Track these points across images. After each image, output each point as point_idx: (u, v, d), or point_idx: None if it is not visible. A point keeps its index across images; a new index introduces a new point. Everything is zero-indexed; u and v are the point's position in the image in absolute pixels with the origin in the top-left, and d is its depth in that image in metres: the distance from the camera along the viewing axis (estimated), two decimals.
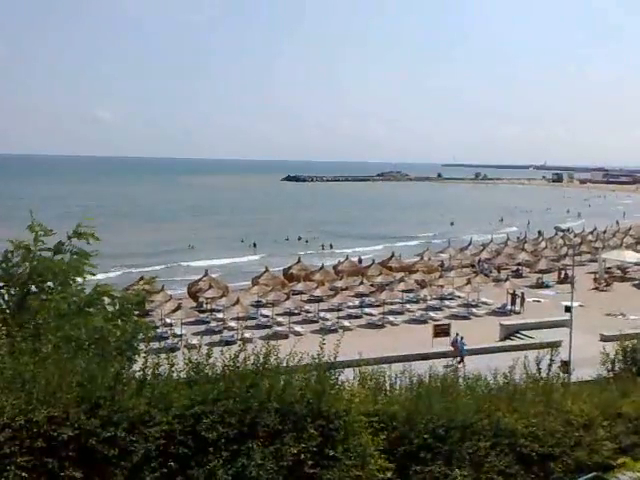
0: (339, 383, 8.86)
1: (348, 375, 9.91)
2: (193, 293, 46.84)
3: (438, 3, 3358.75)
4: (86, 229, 12.49)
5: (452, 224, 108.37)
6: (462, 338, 33.09)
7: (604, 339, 29.97)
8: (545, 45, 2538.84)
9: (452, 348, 32.88)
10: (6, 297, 11.59)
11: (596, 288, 53.56)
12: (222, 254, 73.39)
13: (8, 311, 11.34)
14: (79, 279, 12.13)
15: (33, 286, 11.71)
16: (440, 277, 51.76)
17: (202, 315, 42.73)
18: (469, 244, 69.64)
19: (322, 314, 43.42)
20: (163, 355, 8.32)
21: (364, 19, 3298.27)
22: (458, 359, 31.84)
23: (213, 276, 49.31)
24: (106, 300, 12.28)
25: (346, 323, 41.55)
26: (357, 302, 46.45)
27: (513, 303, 45.93)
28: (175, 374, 8.07)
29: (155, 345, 11.40)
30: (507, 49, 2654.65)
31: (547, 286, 54.40)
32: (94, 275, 12.49)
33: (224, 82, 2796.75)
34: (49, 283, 11.82)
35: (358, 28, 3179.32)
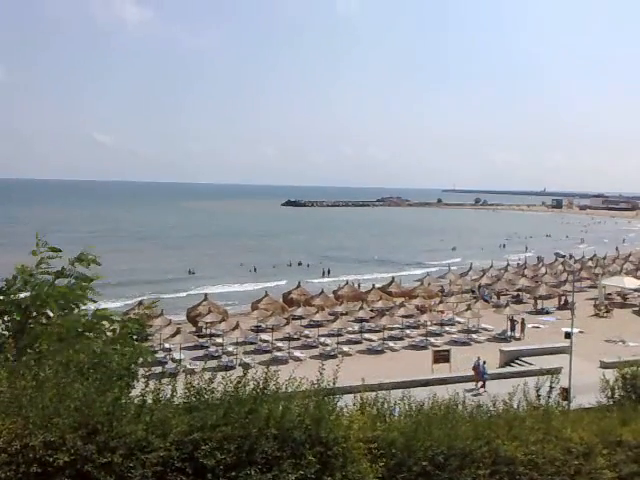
0: (338, 409, 8.80)
1: (347, 401, 9.85)
2: (192, 317, 46.72)
3: (435, 30, 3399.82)
4: (89, 254, 12.48)
5: (454, 249, 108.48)
6: (484, 362, 32.85)
7: (604, 366, 29.93)
8: (542, 70, 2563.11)
9: (473, 372, 32.78)
10: (5, 319, 11.56)
11: (596, 314, 53.49)
12: (222, 279, 73.46)
13: (9, 335, 11.31)
14: (81, 306, 12.11)
15: (34, 312, 11.68)
16: (440, 303, 51.74)
17: (201, 340, 42.59)
18: (469, 269, 69.60)
19: (322, 339, 43.35)
20: (162, 380, 8.28)
21: (360, 51, 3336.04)
22: (480, 383, 31.70)
23: (212, 301, 49.26)
24: (106, 324, 12.24)
25: (346, 348, 41.46)
26: (357, 327, 46.37)
27: (512, 329, 45.90)
28: (175, 400, 8.03)
29: (155, 370, 11.33)
30: (509, 75, 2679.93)
31: (547, 312, 54.35)
32: (95, 302, 12.46)
33: (223, 106, 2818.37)
34: (48, 311, 11.79)
35: (352, 60, 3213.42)
